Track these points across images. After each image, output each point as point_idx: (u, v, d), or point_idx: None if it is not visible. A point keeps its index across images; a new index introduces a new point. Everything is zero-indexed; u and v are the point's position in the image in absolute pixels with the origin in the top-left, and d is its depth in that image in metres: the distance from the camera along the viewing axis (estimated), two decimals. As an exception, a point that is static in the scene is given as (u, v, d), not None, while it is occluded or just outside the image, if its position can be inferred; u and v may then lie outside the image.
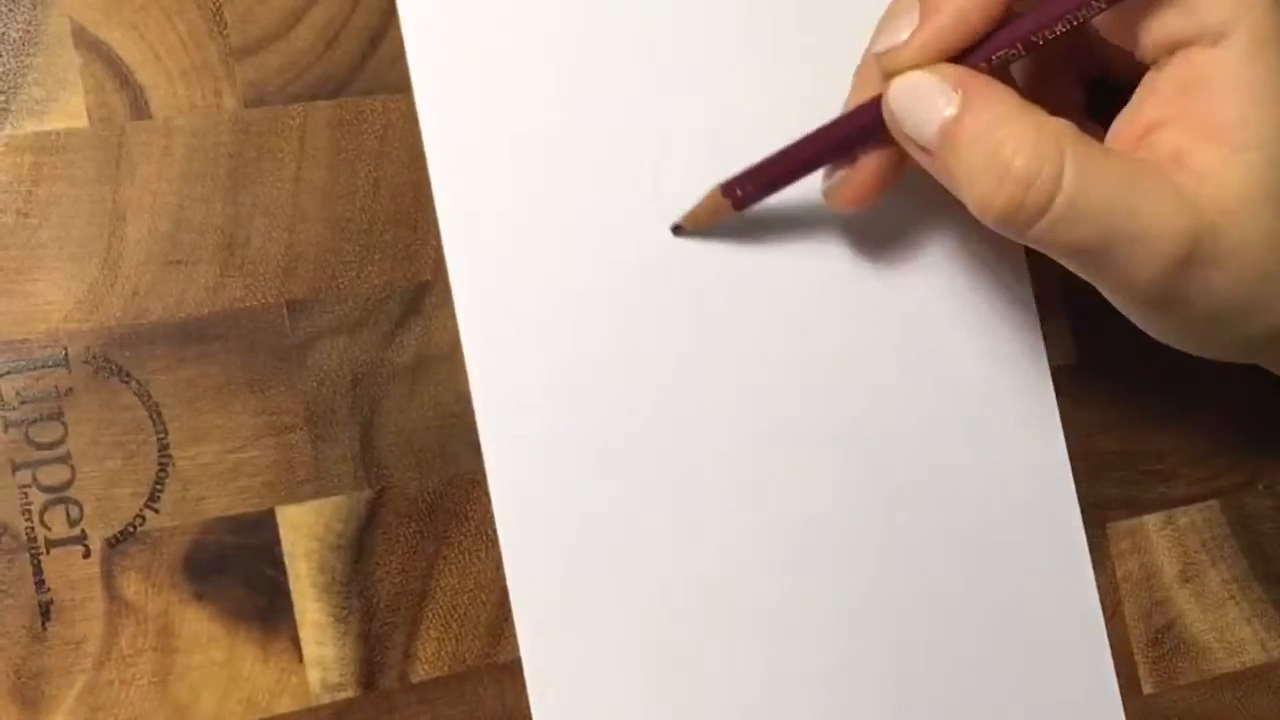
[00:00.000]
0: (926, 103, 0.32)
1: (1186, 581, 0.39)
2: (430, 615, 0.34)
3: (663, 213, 0.36)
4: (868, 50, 0.34)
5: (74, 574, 0.32)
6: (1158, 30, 0.32)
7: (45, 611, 0.32)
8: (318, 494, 0.34)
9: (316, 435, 0.34)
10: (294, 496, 0.34)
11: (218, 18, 0.34)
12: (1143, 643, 0.39)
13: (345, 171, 0.35)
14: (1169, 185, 0.31)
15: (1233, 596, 0.40)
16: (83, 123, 0.33)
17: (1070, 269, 0.33)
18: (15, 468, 0.32)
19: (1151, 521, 0.39)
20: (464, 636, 0.34)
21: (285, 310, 0.34)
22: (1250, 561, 0.40)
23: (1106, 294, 0.33)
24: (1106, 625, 0.38)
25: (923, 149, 0.32)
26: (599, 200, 0.36)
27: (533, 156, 0.36)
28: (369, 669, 0.34)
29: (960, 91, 0.31)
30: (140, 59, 0.34)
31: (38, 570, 0.32)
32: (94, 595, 0.32)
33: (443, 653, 0.34)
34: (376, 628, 0.34)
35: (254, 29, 0.35)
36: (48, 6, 0.33)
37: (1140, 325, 0.34)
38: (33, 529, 0.32)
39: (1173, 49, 0.32)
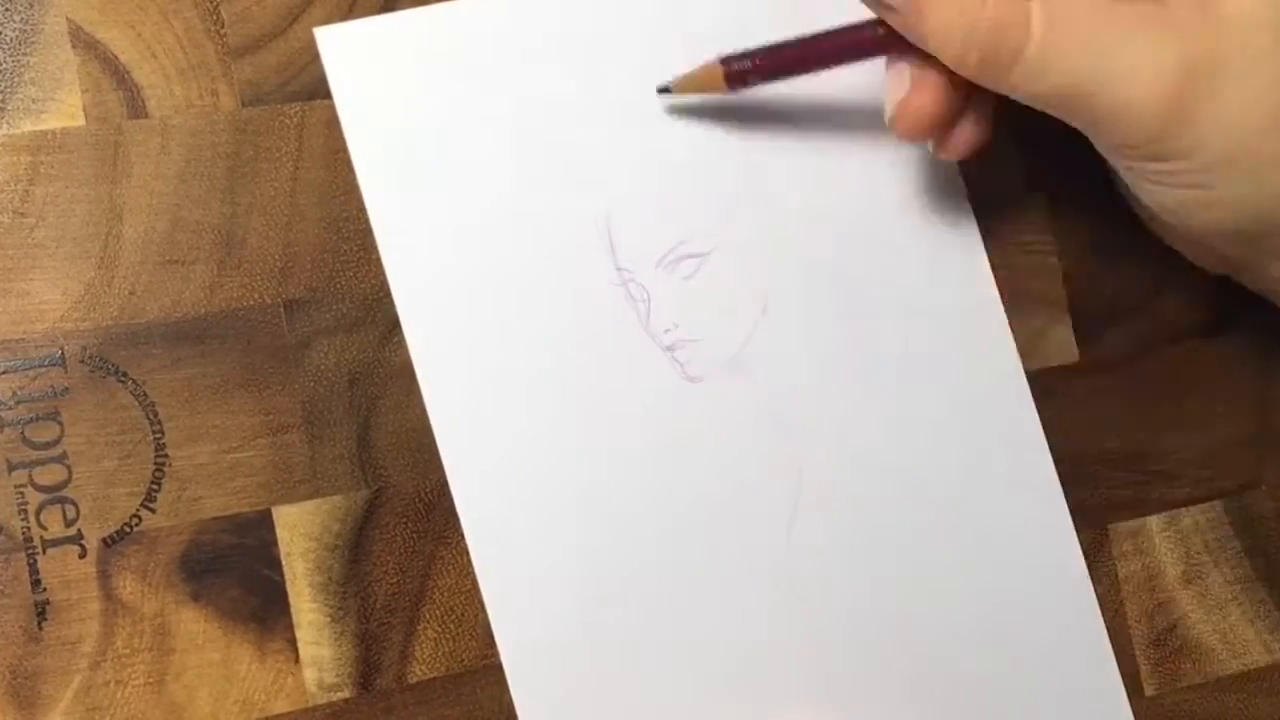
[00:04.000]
0: None
1: (1189, 583, 0.39)
2: (427, 615, 0.34)
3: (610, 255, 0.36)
4: None
5: (70, 574, 0.32)
6: None
7: (41, 611, 0.32)
8: (315, 494, 0.34)
9: (313, 435, 0.34)
10: (291, 496, 0.34)
11: (215, 17, 0.34)
12: (1145, 644, 0.39)
13: (342, 171, 0.35)
14: (1156, 20, 0.30)
15: (1236, 598, 0.39)
16: (79, 122, 0.33)
17: (1074, 125, 0.32)
18: (11, 467, 0.32)
19: (1154, 523, 0.39)
20: (461, 637, 0.34)
21: (282, 310, 0.34)
22: (1253, 563, 0.40)
23: (1109, 157, 0.32)
24: (1109, 627, 0.38)
25: (891, 8, 0.32)
26: (541, 211, 0.36)
27: (472, 184, 0.35)
28: (366, 669, 0.34)
29: None
30: (137, 58, 0.34)
31: (34, 570, 0.32)
32: (90, 595, 0.32)
33: (440, 653, 0.34)
34: (373, 628, 0.34)
35: (251, 28, 0.35)
36: (44, 5, 0.33)
37: (1145, 205, 0.33)
38: (29, 529, 0.32)
39: None
